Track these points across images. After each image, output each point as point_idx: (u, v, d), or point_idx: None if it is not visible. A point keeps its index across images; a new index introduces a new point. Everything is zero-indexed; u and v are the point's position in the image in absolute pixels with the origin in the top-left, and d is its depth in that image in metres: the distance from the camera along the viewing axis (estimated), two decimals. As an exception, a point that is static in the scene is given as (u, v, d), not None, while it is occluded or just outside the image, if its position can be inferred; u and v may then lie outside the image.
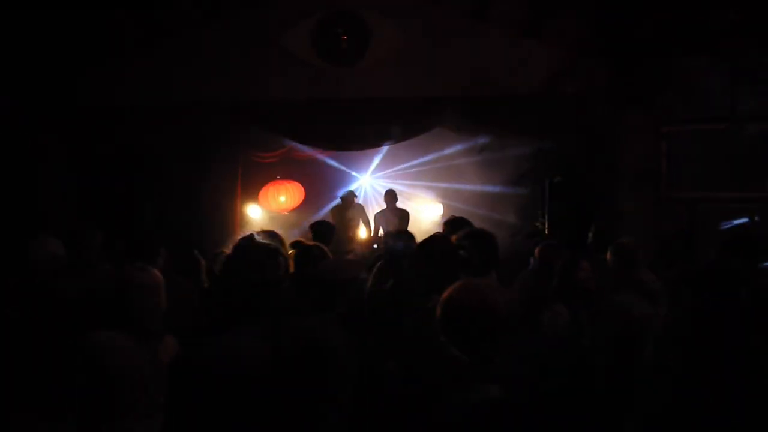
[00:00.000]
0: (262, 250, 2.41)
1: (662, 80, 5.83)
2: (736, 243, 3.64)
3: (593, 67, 6.03)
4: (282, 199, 8.97)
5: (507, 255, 6.55)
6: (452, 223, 4.13)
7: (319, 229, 4.92)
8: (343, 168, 9.49)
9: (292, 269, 3.33)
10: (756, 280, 3.35)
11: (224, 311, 2.17)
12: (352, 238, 8.00)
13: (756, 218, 5.81)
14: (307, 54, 6.81)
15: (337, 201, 8.34)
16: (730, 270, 2.40)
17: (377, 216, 8.10)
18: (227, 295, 2.18)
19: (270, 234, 3.95)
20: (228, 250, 3.85)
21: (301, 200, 9.12)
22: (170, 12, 6.83)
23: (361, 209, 8.51)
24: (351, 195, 8.29)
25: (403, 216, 7.87)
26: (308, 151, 8.71)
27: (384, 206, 8.17)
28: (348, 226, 8.05)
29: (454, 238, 3.23)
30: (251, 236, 3.12)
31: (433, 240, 3.08)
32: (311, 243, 4.00)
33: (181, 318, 3.11)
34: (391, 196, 8.07)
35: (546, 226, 7.21)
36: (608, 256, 3.70)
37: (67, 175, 6.79)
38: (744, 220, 6.08)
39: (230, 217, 8.30)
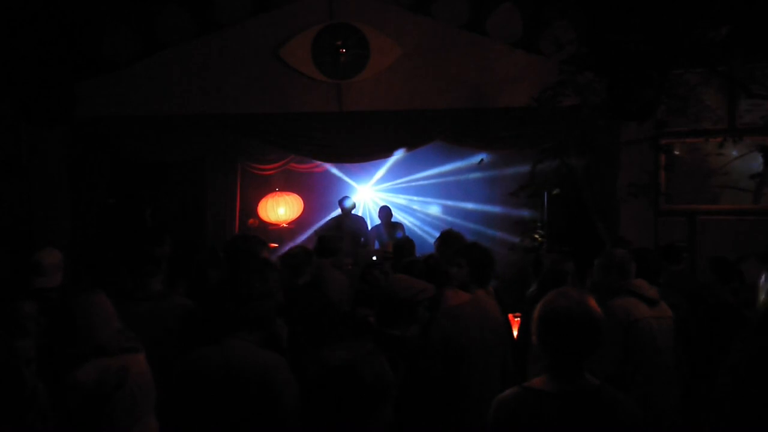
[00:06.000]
0: (264, 261, 2.41)
1: (660, 93, 5.84)
2: None
3: (591, 80, 6.06)
4: (281, 211, 8.95)
5: (505, 267, 6.61)
6: (444, 239, 4.19)
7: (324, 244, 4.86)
8: (343, 179, 9.48)
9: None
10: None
11: (221, 320, 2.16)
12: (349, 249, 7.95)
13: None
14: (306, 67, 6.84)
15: (338, 211, 8.30)
16: None
17: (371, 231, 8.14)
18: (225, 304, 2.16)
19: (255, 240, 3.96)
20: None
21: (300, 212, 9.10)
22: (169, 24, 6.87)
23: (361, 221, 8.49)
24: (351, 205, 8.26)
25: (399, 229, 7.87)
26: (307, 163, 8.73)
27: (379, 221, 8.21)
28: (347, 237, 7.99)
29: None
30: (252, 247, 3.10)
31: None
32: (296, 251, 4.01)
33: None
34: (385, 212, 8.11)
35: (545, 238, 7.20)
36: (599, 265, 3.60)
37: (65, 186, 6.77)
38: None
39: (230, 229, 8.29)
